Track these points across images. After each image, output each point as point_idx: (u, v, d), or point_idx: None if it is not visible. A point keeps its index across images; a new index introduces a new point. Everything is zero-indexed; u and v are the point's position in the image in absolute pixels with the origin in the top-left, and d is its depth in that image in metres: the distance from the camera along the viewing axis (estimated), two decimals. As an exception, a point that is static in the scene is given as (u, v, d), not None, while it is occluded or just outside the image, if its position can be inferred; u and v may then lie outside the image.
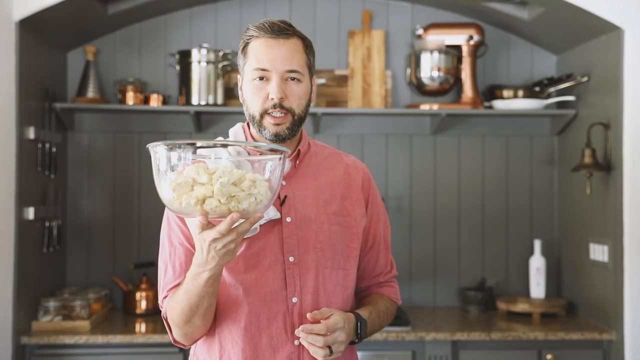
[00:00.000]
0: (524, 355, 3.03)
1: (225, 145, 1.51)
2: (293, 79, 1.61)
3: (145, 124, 3.49)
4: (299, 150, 1.69)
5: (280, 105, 1.59)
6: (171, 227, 1.63)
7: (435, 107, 3.38)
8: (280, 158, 1.39)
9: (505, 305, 3.33)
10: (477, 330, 3.03)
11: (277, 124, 1.60)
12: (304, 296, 1.61)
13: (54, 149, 3.20)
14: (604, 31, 3.06)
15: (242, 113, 3.65)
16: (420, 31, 3.47)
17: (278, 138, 1.62)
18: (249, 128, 1.71)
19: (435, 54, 3.41)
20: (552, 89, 3.39)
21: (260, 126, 1.62)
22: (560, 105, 3.48)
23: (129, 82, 3.35)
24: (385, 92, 3.50)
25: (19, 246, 2.87)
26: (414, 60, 3.46)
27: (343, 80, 3.53)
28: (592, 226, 3.22)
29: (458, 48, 3.47)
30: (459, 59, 3.46)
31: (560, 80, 3.38)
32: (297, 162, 1.69)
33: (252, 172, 1.38)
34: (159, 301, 1.65)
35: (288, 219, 1.62)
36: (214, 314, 1.61)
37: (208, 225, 1.35)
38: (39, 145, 3.09)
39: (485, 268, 3.60)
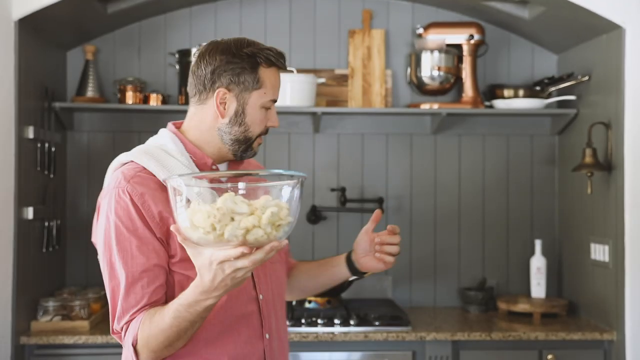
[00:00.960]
0: (525, 356, 3.02)
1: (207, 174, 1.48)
2: None
3: (145, 123, 3.48)
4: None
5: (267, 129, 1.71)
6: (125, 246, 1.53)
7: (435, 106, 3.37)
8: (297, 181, 1.36)
9: (505, 305, 3.32)
10: (478, 330, 3.02)
11: (259, 144, 1.71)
12: (265, 292, 1.67)
13: (53, 149, 3.19)
14: (604, 30, 3.05)
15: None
16: (420, 30, 3.46)
17: (251, 156, 1.73)
18: (185, 137, 1.68)
19: (436, 53, 3.41)
20: (552, 89, 3.38)
21: (248, 147, 1.69)
22: (561, 104, 3.47)
23: (128, 82, 3.35)
24: (385, 92, 3.49)
25: (18, 246, 2.86)
26: (414, 60, 3.45)
27: (343, 79, 3.52)
28: (592, 226, 3.21)
29: (458, 47, 3.46)
30: (460, 59, 3.45)
31: (560, 79, 3.37)
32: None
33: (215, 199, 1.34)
34: (116, 326, 1.53)
35: None
36: None
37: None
38: (38, 145, 3.08)
39: (486, 268, 3.59)
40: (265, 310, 1.67)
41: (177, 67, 3.38)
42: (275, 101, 1.68)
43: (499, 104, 3.39)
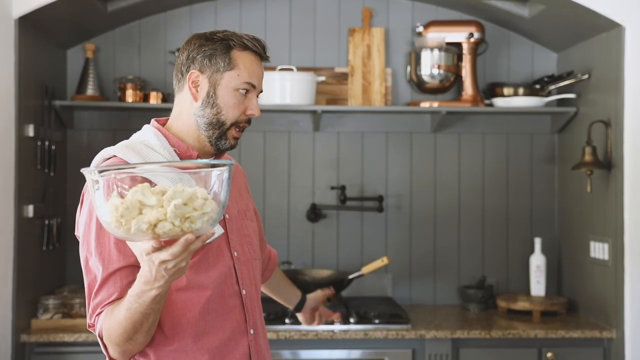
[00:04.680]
0: (524, 354, 3.02)
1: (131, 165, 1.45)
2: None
3: (145, 121, 3.44)
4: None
5: (250, 121, 1.69)
6: (103, 241, 1.55)
7: (435, 104, 3.37)
8: (228, 170, 1.33)
9: (505, 303, 3.33)
10: (478, 328, 3.02)
11: (236, 139, 1.69)
12: (247, 287, 1.70)
13: (53, 147, 3.19)
14: (604, 28, 3.06)
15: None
16: (420, 29, 3.46)
17: (229, 150, 1.71)
18: (169, 131, 1.69)
19: (436, 52, 3.41)
20: (552, 87, 3.38)
21: (222, 135, 1.66)
22: (561, 103, 3.48)
23: (128, 80, 3.35)
24: (385, 90, 3.49)
25: (19, 244, 2.87)
26: (414, 58, 3.45)
27: (343, 78, 3.52)
28: (592, 224, 3.21)
29: (458, 45, 3.46)
30: (460, 57, 3.45)
31: (560, 78, 3.37)
32: None
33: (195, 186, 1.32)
34: (89, 320, 1.56)
35: (227, 216, 1.70)
36: (174, 327, 1.59)
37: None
38: (39, 143, 3.08)
39: (486, 266, 3.60)
40: (249, 305, 1.69)
41: (177, 65, 3.38)
42: (254, 87, 1.66)
43: (499, 102, 3.39)
